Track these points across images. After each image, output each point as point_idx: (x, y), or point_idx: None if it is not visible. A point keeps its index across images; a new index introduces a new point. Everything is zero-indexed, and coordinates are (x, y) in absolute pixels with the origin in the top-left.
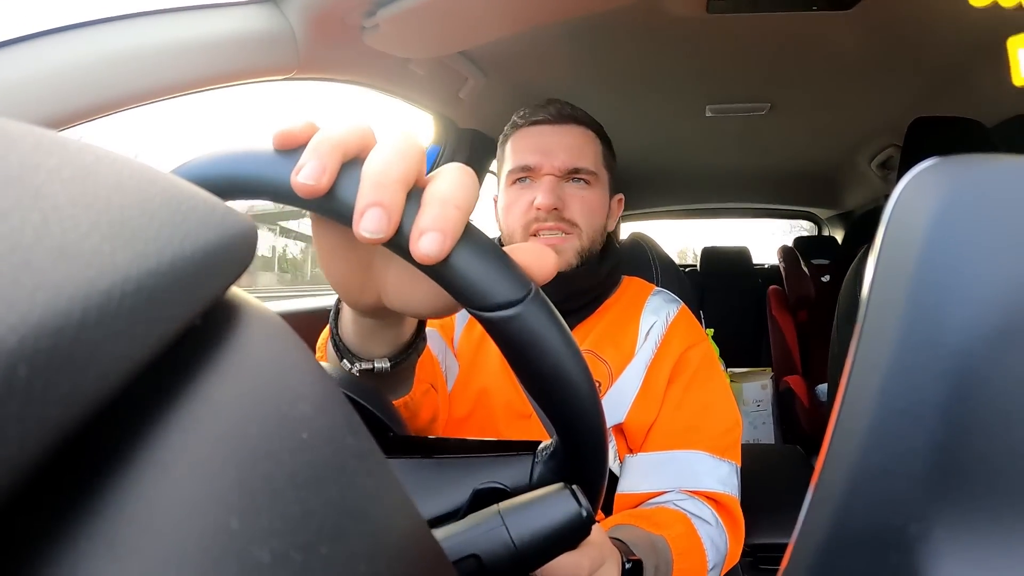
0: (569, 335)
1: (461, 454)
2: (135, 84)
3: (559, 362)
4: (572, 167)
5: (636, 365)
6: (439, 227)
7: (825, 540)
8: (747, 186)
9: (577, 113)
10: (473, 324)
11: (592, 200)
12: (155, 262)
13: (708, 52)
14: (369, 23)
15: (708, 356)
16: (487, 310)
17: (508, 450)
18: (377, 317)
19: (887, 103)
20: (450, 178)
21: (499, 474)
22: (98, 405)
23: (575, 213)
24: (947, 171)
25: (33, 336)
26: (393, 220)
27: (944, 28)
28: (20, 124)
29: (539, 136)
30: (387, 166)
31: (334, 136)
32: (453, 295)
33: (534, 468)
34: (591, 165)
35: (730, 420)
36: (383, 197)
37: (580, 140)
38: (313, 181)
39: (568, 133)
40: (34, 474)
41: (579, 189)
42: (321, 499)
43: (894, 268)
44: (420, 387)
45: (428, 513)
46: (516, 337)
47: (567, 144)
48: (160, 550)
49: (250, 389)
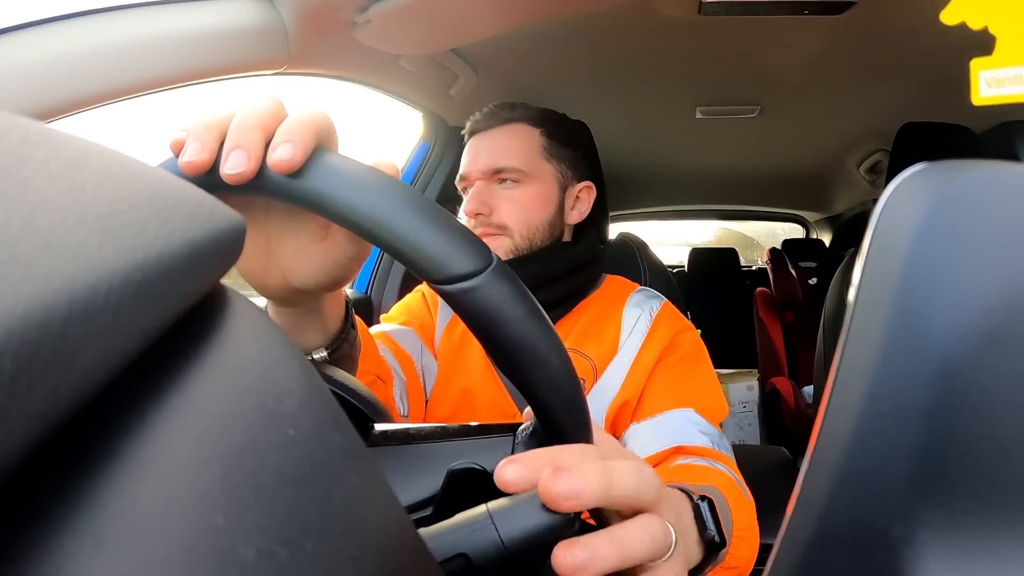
0: (535, 306)
1: (441, 439)
2: (123, 77)
3: (525, 334)
4: (493, 168)
5: (621, 360)
6: (288, 138)
7: (810, 541)
8: (736, 188)
9: (513, 113)
10: (454, 324)
11: (523, 198)
12: (142, 256)
13: (699, 54)
14: (361, 19)
15: (697, 343)
16: (446, 283)
17: (488, 433)
18: (294, 303)
19: (876, 108)
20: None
21: (478, 457)
22: (83, 400)
23: (503, 215)
24: (934, 177)
25: (18, 329)
26: (253, 157)
27: (933, 35)
28: (7, 116)
29: (471, 145)
30: (248, 115)
31: (216, 117)
32: (413, 270)
33: (515, 449)
34: (517, 163)
35: (719, 404)
36: (241, 139)
37: (506, 139)
38: (195, 157)
39: (496, 135)
40: (17, 469)
41: (506, 189)
42: (307, 496)
43: (880, 272)
44: (365, 378)
45: (408, 499)
46: (478, 310)
47: (489, 147)
48: (145, 547)
49: (236, 385)
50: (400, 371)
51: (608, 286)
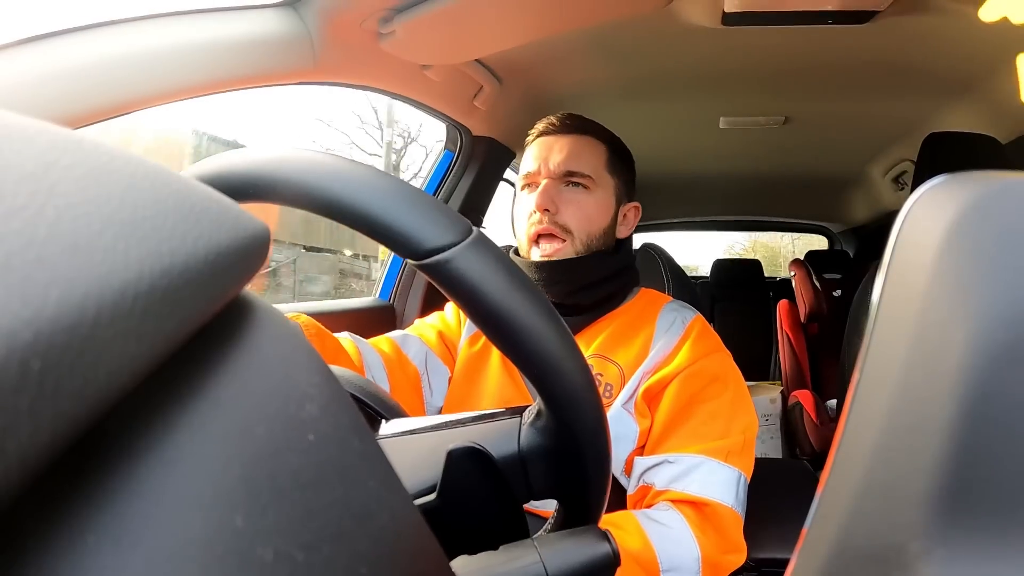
0: (518, 273)
1: (449, 427)
2: (152, 85)
3: (509, 301)
4: (567, 169)
5: (649, 362)
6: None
7: (827, 556)
8: (760, 199)
9: (585, 124)
10: (476, 338)
11: (588, 204)
12: (168, 262)
13: (723, 64)
14: (386, 29)
15: (723, 364)
16: (424, 257)
17: (495, 418)
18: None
19: (902, 117)
20: None
21: (487, 441)
22: (109, 401)
23: (567, 217)
24: (957, 187)
25: (47, 331)
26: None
27: (959, 43)
28: (36, 121)
29: (542, 145)
30: None
31: None
32: (393, 248)
33: (521, 431)
34: (588, 170)
35: (742, 423)
36: None
37: (579, 146)
38: None
39: (570, 141)
40: (44, 467)
41: (574, 193)
42: (325, 500)
43: (902, 284)
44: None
45: (415, 487)
46: (458, 280)
47: (563, 150)
48: (165, 546)
49: (258, 389)
50: (383, 372)
51: (642, 297)
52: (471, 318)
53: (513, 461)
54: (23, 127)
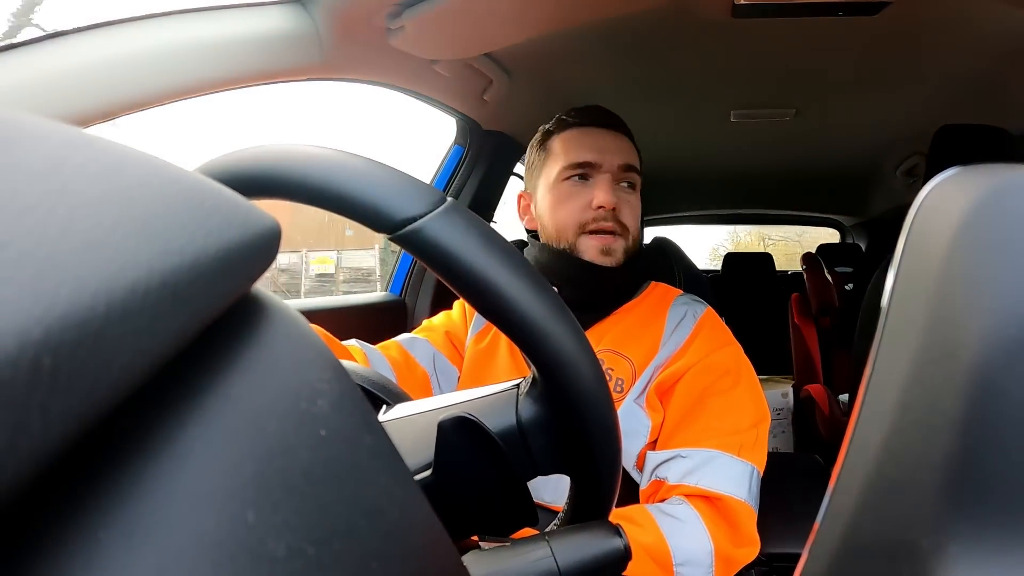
0: (494, 235)
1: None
2: (161, 83)
3: (484, 266)
4: (627, 163)
5: (660, 357)
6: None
7: (838, 551)
8: (771, 192)
9: (620, 122)
10: (484, 333)
11: (637, 205)
12: (179, 259)
13: (733, 57)
14: (394, 24)
15: (735, 358)
16: (393, 230)
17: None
18: None
19: (913, 110)
20: None
21: (486, 416)
22: (120, 398)
23: (626, 216)
24: (969, 181)
25: (58, 328)
26: None
27: (971, 36)
28: (47, 120)
29: (595, 136)
30: None
31: None
32: (366, 224)
33: (519, 402)
34: (639, 168)
35: (754, 417)
36: None
37: (626, 144)
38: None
39: (615, 136)
40: (55, 463)
41: (628, 193)
42: (336, 496)
43: (914, 277)
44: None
45: (413, 465)
46: (432, 247)
47: (620, 146)
48: (177, 542)
49: (269, 385)
50: (391, 375)
51: (652, 291)
52: (451, 286)
53: (512, 433)
54: (34, 126)
